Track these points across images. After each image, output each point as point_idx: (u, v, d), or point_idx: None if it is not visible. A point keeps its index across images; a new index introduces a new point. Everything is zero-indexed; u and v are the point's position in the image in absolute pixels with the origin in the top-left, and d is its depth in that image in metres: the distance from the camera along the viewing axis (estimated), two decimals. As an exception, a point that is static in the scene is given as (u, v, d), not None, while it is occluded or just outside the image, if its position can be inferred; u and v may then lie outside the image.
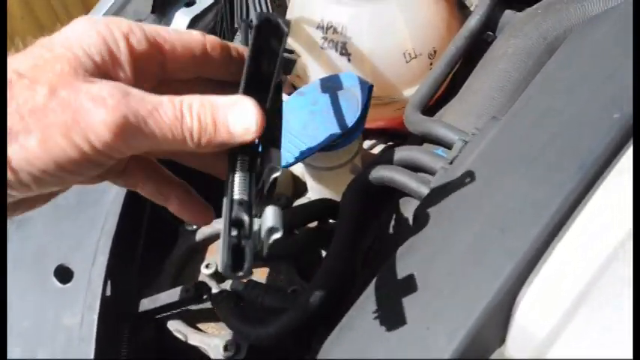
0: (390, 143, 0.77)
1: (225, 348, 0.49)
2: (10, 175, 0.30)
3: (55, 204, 0.58)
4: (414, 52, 0.64)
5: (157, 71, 0.35)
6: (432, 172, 0.53)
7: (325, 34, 0.65)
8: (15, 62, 0.31)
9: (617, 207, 0.39)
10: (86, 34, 0.33)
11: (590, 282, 0.36)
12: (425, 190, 0.50)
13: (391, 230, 0.54)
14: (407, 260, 0.43)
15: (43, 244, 0.53)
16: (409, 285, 0.41)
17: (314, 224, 0.58)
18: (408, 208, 0.53)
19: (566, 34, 0.58)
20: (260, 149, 0.35)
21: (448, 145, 0.54)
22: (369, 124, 0.73)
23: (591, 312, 0.36)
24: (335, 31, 0.64)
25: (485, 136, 0.49)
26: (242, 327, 0.49)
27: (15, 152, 0.29)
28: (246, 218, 0.30)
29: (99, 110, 0.30)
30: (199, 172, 0.42)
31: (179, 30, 0.36)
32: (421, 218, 0.47)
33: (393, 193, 0.56)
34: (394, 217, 0.54)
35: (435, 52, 0.66)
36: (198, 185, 0.43)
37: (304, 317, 0.48)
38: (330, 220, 0.60)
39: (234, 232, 0.29)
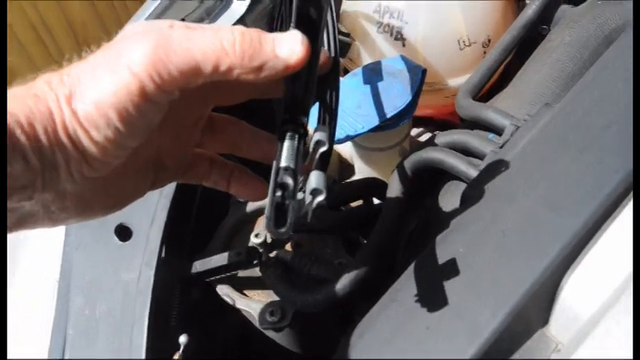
0: (437, 132, 0.78)
1: (272, 313, 0.51)
2: (82, 133, 0.31)
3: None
4: (468, 40, 0.65)
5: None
6: (481, 157, 0.53)
7: (381, 19, 0.66)
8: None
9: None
10: (133, 29, 0.34)
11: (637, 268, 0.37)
12: (474, 173, 0.51)
13: (438, 212, 0.55)
14: (455, 237, 0.44)
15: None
16: (456, 261, 0.42)
17: (360, 202, 0.60)
18: (456, 191, 0.54)
19: (624, 27, 0.58)
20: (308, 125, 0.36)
21: (499, 131, 0.54)
22: (418, 112, 0.74)
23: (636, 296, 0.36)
24: (391, 16, 0.65)
25: (537, 122, 0.50)
26: (289, 293, 0.51)
27: (81, 110, 0.31)
28: (290, 182, 0.31)
29: (134, 41, 0.31)
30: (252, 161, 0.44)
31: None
32: (470, 198, 0.47)
33: (440, 177, 0.57)
34: (441, 198, 0.55)
35: (489, 40, 0.66)
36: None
37: (350, 289, 0.50)
38: (375, 200, 0.61)
39: (278, 193, 0.31)
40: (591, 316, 0.37)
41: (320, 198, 0.31)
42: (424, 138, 0.78)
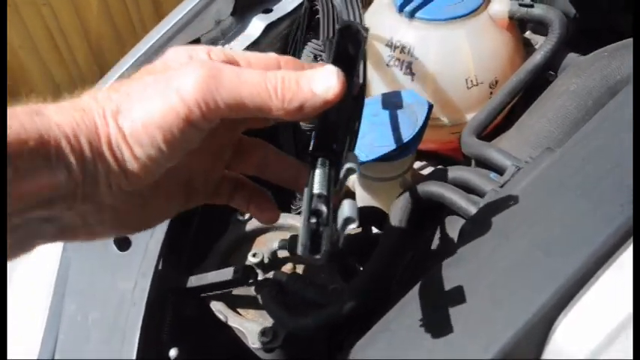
0: (440, 167, 0.79)
1: (263, 333, 0.51)
2: (125, 149, 0.33)
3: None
4: (476, 80, 0.66)
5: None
6: (481, 194, 0.54)
7: (393, 53, 0.68)
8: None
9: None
10: (175, 53, 0.38)
11: (631, 314, 0.37)
12: (473, 210, 0.52)
13: (434, 245, 0.56)
14: (450, 272, 0.45)
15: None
16: (450, 296, 0.43)
17: (359, 230, 0.60)
18: (454, 226, 0.55)
19: (628, 79, 0.59)
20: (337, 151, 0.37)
21: (500, 171, 0.55)
22: (422, 146, 0.75)
23: (629, 341, 0.36)
24: (402, 50, 0.67)
25: (538, 165, 0.51)
26: (281, 314, 0.51)
27: (127, 127, 0.32)
28: (324, 209, 0.32)
29: (187, 71, 0.33)
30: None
31: (255, 52, 0.39)
32: (467, 234, 0.48)
33: (440, 211, 0.57)
34: (439, 233, 0.56)
35: (496, 82, 0.68)
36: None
37: (342, 315, 0.50)
38: (374, 230, 0.62)
39: (313, 220, 0.32)
40: (584, 357, 0.37)
41: (352, 226, 0.32)
42: (426, 172, 0.79)
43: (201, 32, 0.76)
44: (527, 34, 0.81)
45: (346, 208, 0.32)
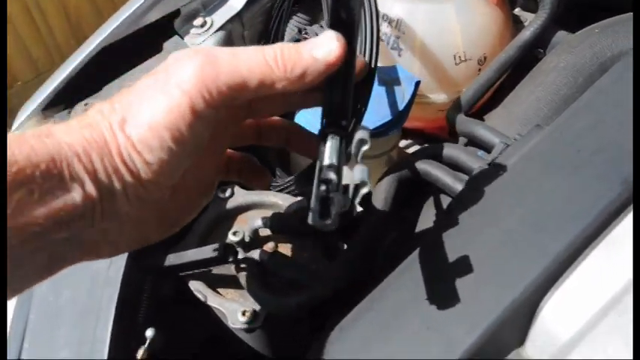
0: (426, 145, 0.78)
1: (243, 313, 0.50)
2: (136, 157, 0.32)
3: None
4: (464, 56, 0.65)
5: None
6: (469, 172, 0.53)
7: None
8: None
9: (656, 224, 0.39)
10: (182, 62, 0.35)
11: (620, 293, 0.36)
12: (459, 187, 0.51)
13: (420, 224, 0.55)
14: (436, 251, 0.44)
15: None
16: (435, 276, 0.42)
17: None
18: (440, 204, 0.54)
19: (620, 56, 0.58)
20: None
21: (488, 148, 0.54)
22: (408, 124, 0.74)
23: (616, 321, 0.36)
24: (390, 24, 0.65)
25: (527, 142, 0.49)
26: (262, 294, 0.49)
27: (135, 134, 0.32)
28: (334, 177, 0.32)
29: (183, 63, 0.33)
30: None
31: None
32: (454, 212, 0.47)
33: (426, 189, 0.56)
34: (425, 211, 0.55)
35: (485, 58, 0.66)
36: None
37: (324, 295, 0.49)
38: (359, 208, 0.61)
39: (322, 187, 0.32)
40: (569, 338, 0.36)
41: (365, 190, 0.32)
42: (412, 150, 0.78)
43: (181, 3, 0.73)
44: (517, 10, 0.80)
45: (357, 173, 0.32)
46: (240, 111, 0.40)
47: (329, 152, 0.34)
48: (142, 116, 0.32)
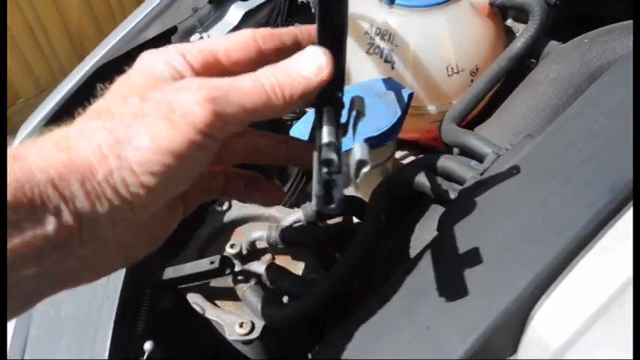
0: (422, 156, 0.79)
1: (241, 325, 0.51)
2: (133, 180, 0.31)
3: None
4: (456, 67, 0.66)
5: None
6: (462, 182, 0.54)
7: (372, 40, 0.67)
8: (103, 98, 0.34)
9: (644, 231, 0.39)
10: (151, 60, 0.35)
11: (610, 299, 0.37)
12: (452, 197, 0.51)
13: (414, 234, 0.55)
14: (429, 261, 0.44)
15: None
16: (428, 285, 0.42)
17: (339, 219, 0.60)
18: (434, 214, 0.54)
19: (609, 66, 0.59)
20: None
21: (481, 158, 0.55)
22: (403, 135, 0.75)
23: (606, 328, 0.36)
24: (383, 38, 0.66)
25: (519, 152, 0.50)
26: (259, 306, 0.50)
27: (132, 156, 0.31)
28: (335, 157, 0.31)
29: (187, 95, 0.32)
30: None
31: (231, 36, 0.38)
32: (447, 223, 0.47)
33: (421, 199, 0.57)
34: (419, 221, 0.55)
35: (477, 69, 0.67)
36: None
37: (320, 305, 0.49)
38: (355, 219, 0.61)
39: (324, 170, 0.31)
40: (560, 345, 0.37)
41: (366, 169, 0.32)
42: (408, 161, 0.78)
43: (178, 20, 0.75)
44: (509, 21, 0.81)
45: (358, 152, 0.31)
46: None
47: (327, 129, 0.34)
48: (142, 140, 0.31)
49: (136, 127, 0.31)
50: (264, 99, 0.33)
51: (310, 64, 0.34)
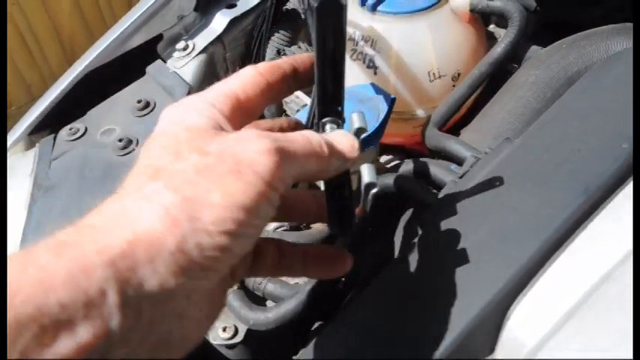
0: (406, 160, 0.79)
1: (224, 329, 0.51)
2: (208, 242, 0.27)
3: (82, 176, 0.61)
4: (438, 73, 0.67)
5: (243, 119, 0.36)
6: (442, 186, 0.54)
7: (355, 47, 0.68)
8: (145, 159, 0.31)
9: (616, 232, 0.40)
10: (180, 113, 0.33)
11: (582, 299, 0.38)
12: (432, 200, 0.52)
13: (396, 237, 0.56)
14: (407, 264, 0.45)
15: (66, 210, 0.56)
16: (406, 288, 0.43)
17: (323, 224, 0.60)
18: (415, 218, 0.55)
19: (586, 70, 0.60)
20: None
21: (461, 162, 0.56)
22: (387, 140, 0.75)
23: (577, 327, 0.37)
24: (366, 44, 0.67)
25: (497, 155, 0.51)
26: (242, 310, 0.51)
27: (207, 215, 0.27)
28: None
29: (250, 145, 0.30)
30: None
31: (238, 75, 0.36)
32: (426, 225, 0.48)
33: (403, 203, 0.57)
34: (400, 224, 0.56)
35: (459, 74, 0.68)
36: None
37: (304, 309, 0.50)
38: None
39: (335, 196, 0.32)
40: (535, 344, 0.38)
41: (374, 190, 0.33)
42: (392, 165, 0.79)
43: (164, 28, 0.75)
44: (492, 27, 0.82)
45: (365, 174, 0.32)
46: None
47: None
48: (213, 195, 0.28)
49: (203, 183, 0.28)
50: (314, 152, 0.32)
51: (343, 140, 0.34)
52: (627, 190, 0.42)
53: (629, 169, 0.43)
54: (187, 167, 0.29)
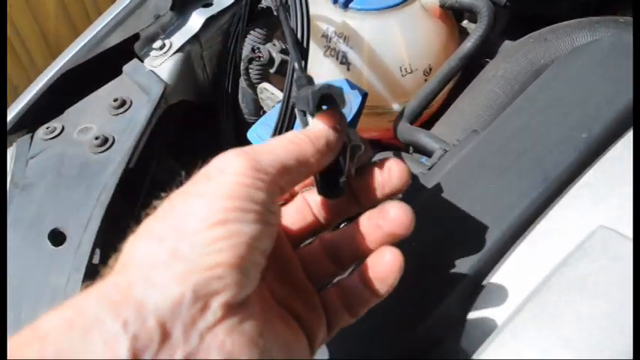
0: (379, 154, 0.80)
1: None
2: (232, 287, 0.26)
3: (58, 174, 0.62)
4: (410, 68, 0.68)
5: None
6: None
7: (328, 43, 0.69)
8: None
9: (574, 220, 0.42)
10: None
11: (539, 286, 0.39)
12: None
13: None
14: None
15: (42, 208, 0.56)
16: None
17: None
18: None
19: (552, 63, 0.62)
20: None
21: (431, 154, 0.57)
22: (364, 134, 0.76)
23: (532, 313, 0.38)
24: (338, 41, 0.68)
25: (464, 147, 0.52)
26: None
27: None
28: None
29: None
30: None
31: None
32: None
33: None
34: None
35: (430, 69, 0.69)
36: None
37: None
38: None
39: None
40: (494, 331, 0.39)
41: (360, 152, 0.33)
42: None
43: (140, 27, 0.76)
44: (465, 22, 0.83)
45: (352, 136, 0.33)
46: None
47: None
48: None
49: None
50: (295, 146, 0.31)
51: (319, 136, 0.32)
52: (586, 179, 0.44)
53: (588, 157, 0.45)
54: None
